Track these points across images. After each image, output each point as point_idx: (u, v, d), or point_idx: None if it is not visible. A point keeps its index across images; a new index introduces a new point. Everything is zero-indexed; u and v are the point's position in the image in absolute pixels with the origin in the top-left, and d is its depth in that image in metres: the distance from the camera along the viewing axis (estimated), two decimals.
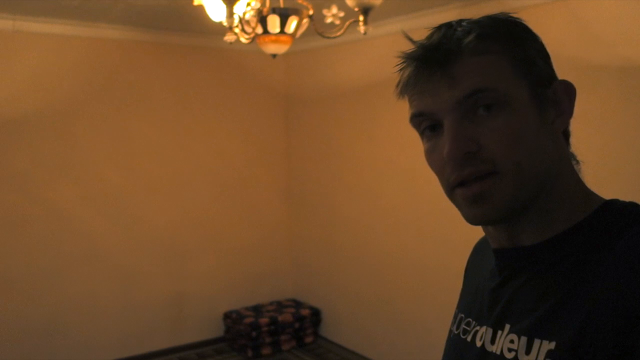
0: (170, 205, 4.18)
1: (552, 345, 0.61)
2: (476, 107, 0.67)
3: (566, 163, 0.72)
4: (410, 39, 0.72)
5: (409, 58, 0.70)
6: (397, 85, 0.73)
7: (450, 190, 0.70)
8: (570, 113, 0.72)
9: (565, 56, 2.61)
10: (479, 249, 0.89)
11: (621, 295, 0.58)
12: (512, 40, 0.69)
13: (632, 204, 0.69)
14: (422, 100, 0.69)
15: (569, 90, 0.72)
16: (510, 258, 0.73)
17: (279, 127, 4.72)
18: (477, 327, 0.75)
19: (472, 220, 0.70)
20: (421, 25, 3.37)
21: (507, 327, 0.69)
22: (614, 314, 0.57)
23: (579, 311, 0.61)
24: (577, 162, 0.74)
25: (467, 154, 0.66)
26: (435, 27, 0.72)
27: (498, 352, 0.69)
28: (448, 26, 0.71)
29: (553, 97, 0.71)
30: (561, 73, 0.77)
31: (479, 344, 0.73)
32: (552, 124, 0.70)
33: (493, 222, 0.71)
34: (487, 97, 0.66)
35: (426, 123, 0.71)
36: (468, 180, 0.67)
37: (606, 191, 0.76)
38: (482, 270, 0.82)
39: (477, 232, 0.82)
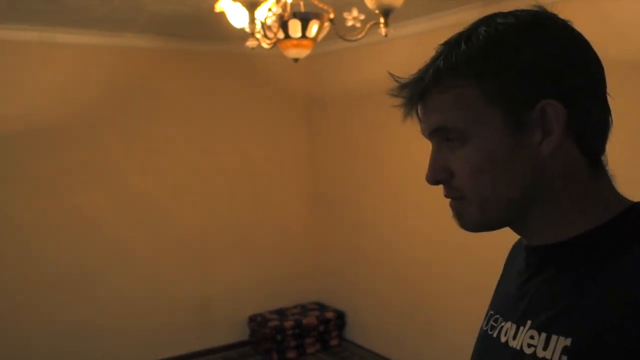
0: (196, 210, 4.23)
1: (568, 341, 0.63)
2: (445, 139, 0.74)
3: (569, 174, 0.70)
4: (393, 76, 0.80)
5: (392, 94, 0.79)
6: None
7: None
8: (559, 134, 0.68)
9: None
10: (516, 247, 0.91)
11: (630, 300, 0.59)
12: (487, 67, 0.69)
13: None
14: (419, 125, 0.79)
15: (556, 111, 0.67)
16: (536, 255, 0.75)
17: (302, 131, 4.74)
18: (503, 323, 0.77)
19: (462, 228, 0.79)
20: (443, 25, 3.36)
21: (529, 323, 0.71)
22: (633, 314, 0.58)
23: (595, 309, 0.62)
24: (601, 164, 0.73)
25: (437, 181, 0.76)
26: (437, 48, 0.76)
27: (519, 348, 0.70)
28: (440, 52, 0.74)
29: (540, 117, 0.68)
30: None
31: (503, 339, 0.75)
32: (540, 145, 0.68)
33: (476, 231, 0.78)
34: (446, 133, 0.73)
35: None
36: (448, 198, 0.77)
37: (631, 192, 0.75)
38: (514, 268, 0.84)
39: (504, 237, 0.83)
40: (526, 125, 0.68)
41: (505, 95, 0.69)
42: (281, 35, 2.13)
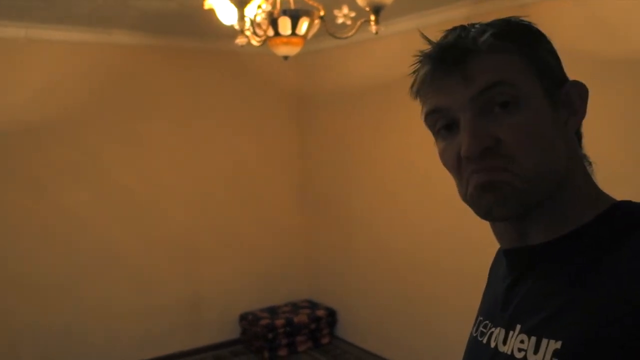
0: (185, 208, 4.21)
1: (559, 344, 0.61)
2: (492, 105, 0.67)
3: (578, 164, 0.72)
4: (427, 38, 0.73)
5: (425, 57, 0.71)
6: (412, 85, 0.74)
7: (465, 189, 0.70)
8: (582, 114, 0.72)
9: (580, 51, 2.58)
10: (500, 253, 0.89)
11: (629, 296, 0.58)
12: (526, 41, 0.70)
13: None
14: (438, 97, 0.70)
15: (581, 91, 0.72)
16: (520, 258, 0.73)
17: (291, 129, 4.73)
18: (493, 329, 0.76)
19: (484, 210, 0.69)
20: (432, 23, 3.36)
21: (518, 327, 0.69)
22: (622, 314, 0.57)
23: (585, 311, 0.61)
24: (590, 163, 0.74)
25: (485, 149, 0.66)
26: (450, 29, 0.73)
27: (509, 353, 0.69)
28: (462, 27, 0.72)
29: (565, 98, 0.71)
30: (576, 68, 0.76)
31: (493, 345, 0.74)
32: (565, 125, 0.71)
33: (504, 217, 0.70)
34: (503, 92, 0.66)
35: (442, 122, 0.71)
36: (482, 169, 0.67)
37: (621, 189, 0.75)
38: (498, 274, 0.82)
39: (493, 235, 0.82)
40: (558, 103, 0.70)
41: (546, 71, 0.70)
42: (271, 32, 2.12)
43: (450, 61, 0.68)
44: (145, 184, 4.05)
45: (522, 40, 0.69)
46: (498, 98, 0.66)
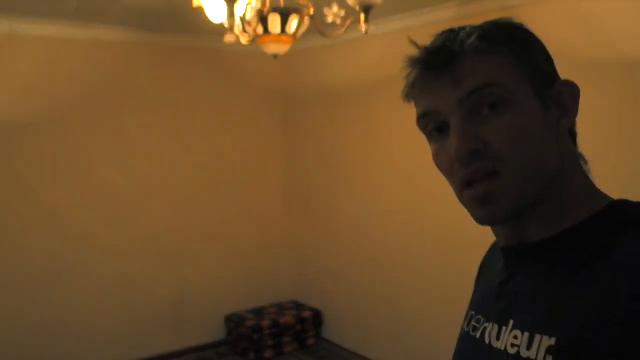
0: (170, 206, 4.17)
1: (552, 340, 0.62)
2: (481, 107, 0.68)
3: (572, 162, 0.73)
4: (415, 43, 0.73)
5: (413, 62, 0.72)
6: (403, 90, 0.74)
7: (461, 192, 0.71)
8: (574, 113, 0.73)
9: (568, 53, 2.60)
10: (494, 249, 0.89)
11: (622, 292, 0.58)
12: (515, 41, 0.71)
13: None
14: (428, 100, 0.71)
15: (573, 91, 0.73)
16: (516, 255, 0.74)
17: (278, 127, 4.71)
18: (486, 324, 0.76)
19: (482, 220, 0.71)
20: (421, 23, 3.36)
21: (511, 323, 0.70)
22: (615, 311, 0.58)
23: (579, 307, 0.62)
24: (585, 161, 0.75)
25: (473, 151, 0.67)
26: (439, 32, 0.74)
27: (502, 348, 0.69)
28: (450, 31, 0.72)
29: (557, 98, 0.72)
30: (564, 70, 0.76)
31: (486, 340, 0.74)
32: (557, 124, 0.71)
33: (501, 222, 0.72)
34: (490, 94, 0.67)
35: (433, 125, 0.72)
36: (475, 180, 0.68)
37: (610, 189, 0.75)
38: (494, 269, 0.82)
39: (482, 231, 0.82)
40: (549, 103, 0.71)
41: (535, 71, 0.70)
42: (260, 30, 2.10)
43: (438, 65, 0.69)
44: (130, 181, 4.00)
45: (511, 41, 0.70)
46: (486, 100, 0.67)
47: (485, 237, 0.92)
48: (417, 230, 3.64)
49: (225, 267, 4.42)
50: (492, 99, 0.67)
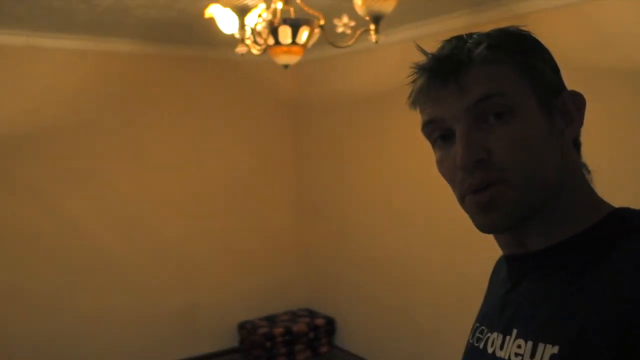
0: (182, 216, 4.20)
1: (556, 349, 0.62)
2: (486, 115, 0.68)
3: (575, 172, 0.73)
4: (423, 50, 0.74)
5: (420, 69, 0.73)
6: (409, 96, 0.75)
7: (462, 198, 0.72)
8: (579, 123, 0.74)
9: (576, 60, 2.60)
10: (500, 261, 0.89)
11: (623, 299, 0.58)
12: (520, 50, 0.71)
13: None
14: (434, 108, 0.71)
15: (578, 101, 0.73)
16: (519, 263, 0.75)
17: (288, 137, 4.74)
18: (489, 334, 0.76)
19: (483, 228, 0.71)
20: (431, 32, 3.37)
21: (515, 331, 0.70)
22: (617, 318, 0.58)
23: (582, 315, 0.61)
24: (589, 171, 0.76)
25: (478, 161, 0.67)
26: (446, 40, 0.75)
27: (506, 357, 0.69)
28: (458, 38, 0.73)
29: (562, 107, 0.72)
30: (572, 77, 0.77)
31: (490, 350, 0.74)
32: (562, 134, 0.72)
33: (502, 230, 0.73)
34: (496, 103, 0.68)
35: (438, 132, 0.73)
36: (478, 188, 0.68)
37: (617, 197, 0.76)
38: (499, 280, 0.83)
39: (494, 244, 0.82)
40: (554, 112, 0.71)
41: (540, 80, 0.71)
42: (271, 41, 2.13)
43: (445, 73, 0.70)
44: (143, 191, 4.04)
45: (517, 51, 0.71)
46: (493, 109, 0.68)
47: (497, 249, 0.93)
48: (430, 239, 3.63)
49: (238, 275, 4.44)
50: (498, 108, 0.68)
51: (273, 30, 2.11)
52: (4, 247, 3.57)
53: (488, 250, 0.93)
